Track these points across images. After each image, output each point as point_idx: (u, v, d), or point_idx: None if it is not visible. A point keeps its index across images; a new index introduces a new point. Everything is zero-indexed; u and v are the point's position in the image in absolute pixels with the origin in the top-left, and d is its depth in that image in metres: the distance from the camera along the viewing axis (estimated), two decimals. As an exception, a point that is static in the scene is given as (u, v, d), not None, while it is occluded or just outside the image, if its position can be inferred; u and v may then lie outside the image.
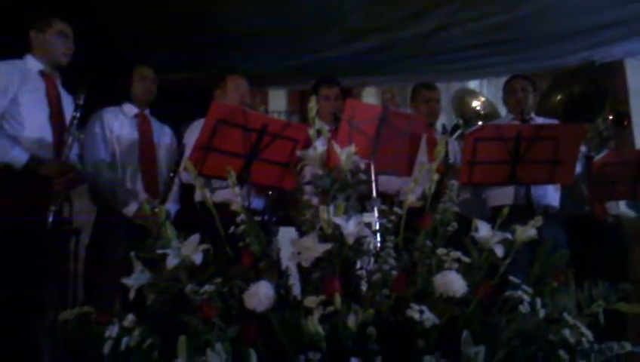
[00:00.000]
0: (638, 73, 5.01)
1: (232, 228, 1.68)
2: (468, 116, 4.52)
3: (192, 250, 1.59)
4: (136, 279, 1.64)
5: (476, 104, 4.75)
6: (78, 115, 2.66)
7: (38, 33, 2.74)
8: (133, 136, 3.05)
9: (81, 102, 2.66)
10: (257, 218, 1.76)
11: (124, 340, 1.52)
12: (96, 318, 1.64)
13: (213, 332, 1.45)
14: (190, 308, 1.54)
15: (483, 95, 5.03)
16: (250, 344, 1.43)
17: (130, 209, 2.88)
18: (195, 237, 1.61)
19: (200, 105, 2.71)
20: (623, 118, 3.75)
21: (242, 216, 1.67)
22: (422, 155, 2.86)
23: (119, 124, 3.04)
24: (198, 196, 2.89)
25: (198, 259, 1.58)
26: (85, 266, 2.88)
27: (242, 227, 1.67)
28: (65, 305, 2.45)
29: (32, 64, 2.73)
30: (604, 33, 4.01)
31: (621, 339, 1.60)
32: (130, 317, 1.55)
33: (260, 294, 1.48)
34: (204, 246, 1.61)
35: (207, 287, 1.53)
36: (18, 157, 2.52)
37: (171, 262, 1.57)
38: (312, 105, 1.73)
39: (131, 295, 1.63)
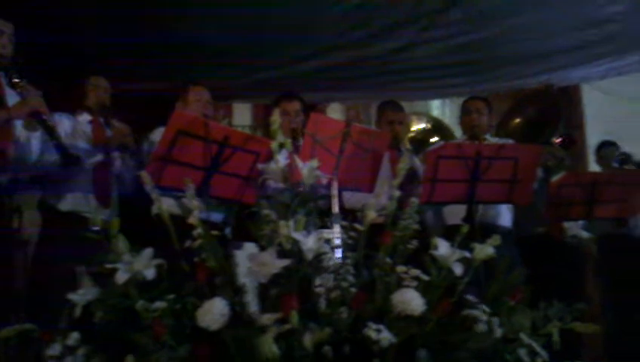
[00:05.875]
0: (593, 98, 5.21)
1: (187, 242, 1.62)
2: (419, 137, 4.54)
3: (144, 264, 1.53)
4: (84, 295, 1.56)
5: (421, 126, 4.77)
6: None
7: None
8: (87, 143, 2.95)
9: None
10: (215, 232, 1.70)
11: (68, 360, 1.44)
12: (39, 336, 1.55)
13: (163, 352, 1.39)
14: (140, 325, 1.47)
15: (427, 113, 5.08)
16: (202, 364, 1.37)
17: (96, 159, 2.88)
18: (147, 251, 1.55)
19: (161, 115, 2.64)
20: (571, 142, 3.82)
21: (199, 230, 1.62)
22: (386, 172, 2.85)
23: (73, 130, 2.94)
24: (154, 209, 2.80)
25: (150, 274, 1.52)
26: (29, 280, 2.74)
27: (198, 241, 1.61)
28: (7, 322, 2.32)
29: None
30: (561, 58, 4.15)
31: (576, 359, 1.61)
32: (75, 335, 1.47)
33: (214, 311, 1.42)
34: (157, 260, 1.55)
35: (159, 304, 1.47)
36: None
37: (121, 276, 1.50)
38: (275, 118, 1.71)
39: (77, 311, 1.55)
